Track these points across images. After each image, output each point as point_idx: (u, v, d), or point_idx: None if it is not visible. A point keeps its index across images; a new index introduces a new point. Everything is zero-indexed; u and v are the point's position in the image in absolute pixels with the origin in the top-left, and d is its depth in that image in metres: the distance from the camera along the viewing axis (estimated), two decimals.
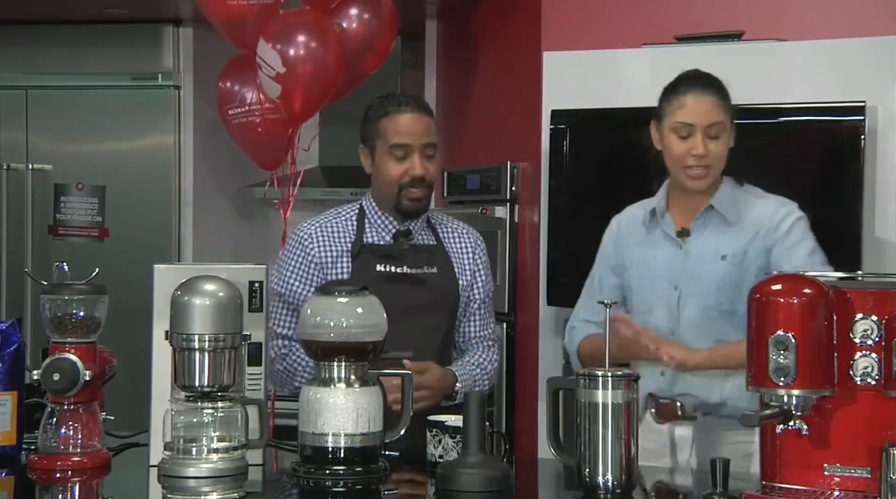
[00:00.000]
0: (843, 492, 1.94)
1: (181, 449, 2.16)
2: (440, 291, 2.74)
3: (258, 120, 3.87)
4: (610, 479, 2.08)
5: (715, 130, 2.52)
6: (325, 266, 2.71)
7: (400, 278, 2.69)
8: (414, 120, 2.68)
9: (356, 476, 2.14)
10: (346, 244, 2.73)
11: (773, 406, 1.96)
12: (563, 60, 3.70)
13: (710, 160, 2.52)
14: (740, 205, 2.55)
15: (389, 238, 2.73)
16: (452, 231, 2.82)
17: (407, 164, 2.67)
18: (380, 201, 2.75)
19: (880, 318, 1.92)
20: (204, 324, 2.17)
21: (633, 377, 2.11)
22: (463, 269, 2.79)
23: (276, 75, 3.64)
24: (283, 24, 3.71)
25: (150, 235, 4.91)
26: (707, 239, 2.54)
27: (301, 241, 2.75)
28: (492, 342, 2.87)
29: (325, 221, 2.77)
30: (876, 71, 3.32)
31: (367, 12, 3.83)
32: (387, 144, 2.68)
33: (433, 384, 2.63)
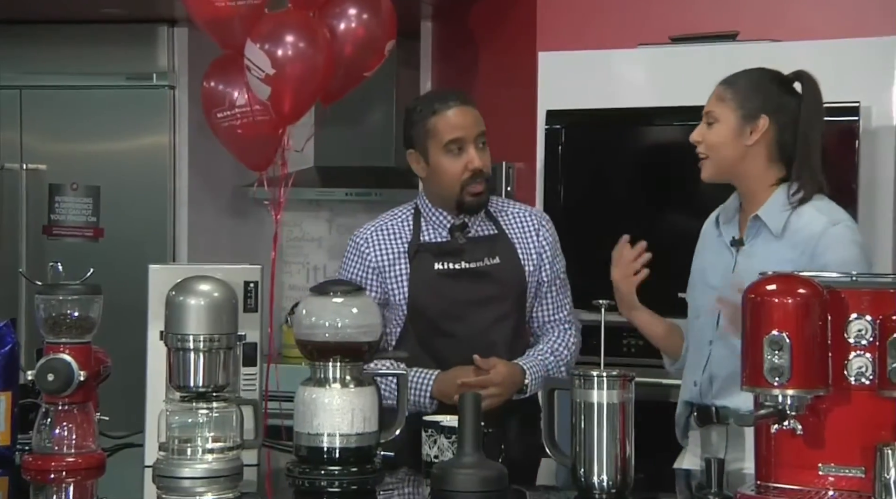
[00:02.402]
0: (837, 492, 1.95)
1: (176, 449, 2.16)
2: (504, 281, 2.71)
3: (247, 122, 3.86)
4: (605, 479, 2.08)
5: (711, 117, 2.49)
6: (383, 270, 2.69)
7: (459, 274, 2.67)
8: (463, 113, 2.67)
9: (351, 477, 2.14)
10: (403, 245, 2.70)
11: (767, 406, 1.97)
12: (558, 61, 3.70)
13: (703, 148, 2.50)
14: (790, 216, 2.43)
15: (446, 234, 2.71)
16: (513, 216, 2.79)
17: (464, 158, 2.65)
18: (437, 201, 2.72)
19: (874, 318, 1.92)
20: (199, 324, 2.17)
21: (628, 377, 2.11)
22: (529, 254, 2.75)
23: (265, 77, 3.62)
24: (270, 24, 3.69)
25: (145, 235, 4.90)
26: (756, 251, 2.45)
27: (357, 246, 2.72)
28: (568, 324, 2.81)
29: (381, 223, 2.75)
30: (871, 72, 3.32)
31: (366, 12, 3.83)
32: (440, 142, 2.65)
33: (501, 381, 2.61)
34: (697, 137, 2.52)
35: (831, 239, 2.38)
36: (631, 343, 3.57)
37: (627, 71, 3.64)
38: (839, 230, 2.40)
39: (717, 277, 2.51)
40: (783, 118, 2.47)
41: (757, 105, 2.47)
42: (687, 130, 2.57)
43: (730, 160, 2.49)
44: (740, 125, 2.47)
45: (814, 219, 2.42)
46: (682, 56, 3.53)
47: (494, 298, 2.69)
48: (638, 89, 3.61)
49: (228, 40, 3.79)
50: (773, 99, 2.48)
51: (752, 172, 2.48)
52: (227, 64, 3.86)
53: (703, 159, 2.52)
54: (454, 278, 2.66)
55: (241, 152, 3.99)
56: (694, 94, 3.34)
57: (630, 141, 3.66)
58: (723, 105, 2.49)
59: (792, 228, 2.42)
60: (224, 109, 3.89)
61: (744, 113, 2.47)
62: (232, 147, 3.99)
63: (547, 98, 3.68)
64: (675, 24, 3.69)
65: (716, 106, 2.50)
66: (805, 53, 3.31)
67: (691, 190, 3.50)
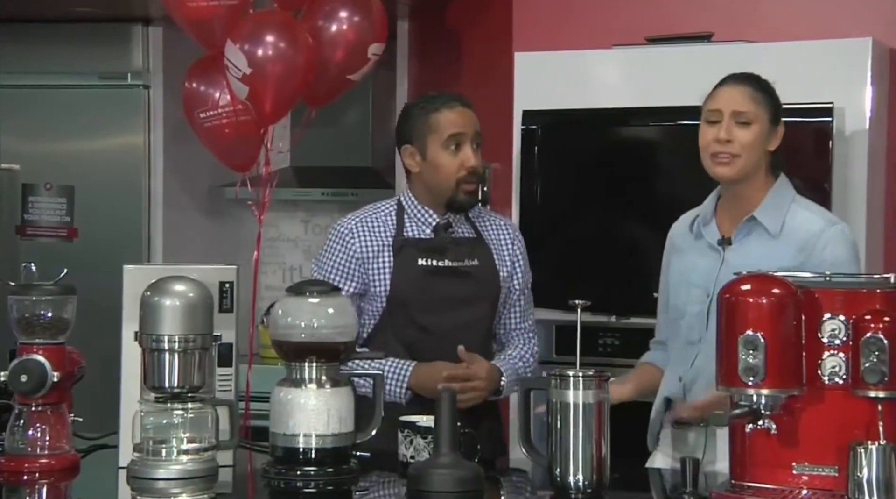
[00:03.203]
0: (811, 491, 1.96)
1: (151, 450, 2.15)
2: (482, 283, 2.75)
3: (228, 121, 3.85)
4: (581, 479, 2.08)
5: (746, 117, 2.47)
6: (367, 261, 2.71)
7: (442, 271, 2.70)
8: (464, 113, 2.74)
9: (327, 477, 2.14)
10: (388, 239, 2.73)
11: (742, 406, 1.97)
12: (534, 61, 3.71)
13: (737, 147, 2.46)
14: (785, 215, 2.47)
15: (430, 232, 2.74)
16: (490, 223, 2.84)
17: (461, 156, 2.70)
18: (425, 198, 2.75)
19: (848, 318, 1.94)
20: (174, 325, 2.16)
21: (604, 377, 2.12)
22: (503, 260, 2.80)
23: (242, 76, 3.62)
24: (251, 25, 3.68)
25: (120, 235, 4.87)
26: (748, 249, 2.47)
27: (341, 236, 2.74)
28: (532, 333, 2.88)
29: (365, 216, 2.77)
30: (845, 73, 3.34)
31: (357, 15, 3.83)
32: (441, 137, 2.70)
33: (485, 377, 2.65)
34: (728, 136, 2.46)
35: (831, 238, 2.44)
36: (607, 343, 3.58)
37: (603, 71, 3.65)
38: (838, 231, 2.46)
39: (701, 277, 2.53)
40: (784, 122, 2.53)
41: (779, 109, 2.51)
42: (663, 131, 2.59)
43: (755, 162, 2.49)
44: (769, 129, 2.49)
45: (809, 219, 2.47)
46: (657, 57, 3.55)
47: (473, 298, 2.73)
48: (613, 90, 3.61)
49: (209, 41, 3.78)
50: (781, 106, 2.53)
51: (758, 177, 2.51)
52: (208, 64, 3.85)
53: (733, 158, 2.46)
54: (437, 275, 2.69)
55: (222, 153, 3.98)
56: (669, 95, 3.37)
57: (606, 141, 3.67)
58: (757, 106, 2.48)
59: (788, 227, 2.46)
60: (206, 110, 3.88)
61: (771, 117, 2.50)
62: (214, 147, 3.98)
63: (523, 98, 3.69)
64: (651, 25, 3.70)
65: (752, 106, 2.48)
66: (779, 55, 3.33)
67: (667, 189, 3.52)
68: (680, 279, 2.59)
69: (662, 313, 2.68)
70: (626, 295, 3.53)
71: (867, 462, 1.86)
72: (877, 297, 1.94)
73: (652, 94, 3.50)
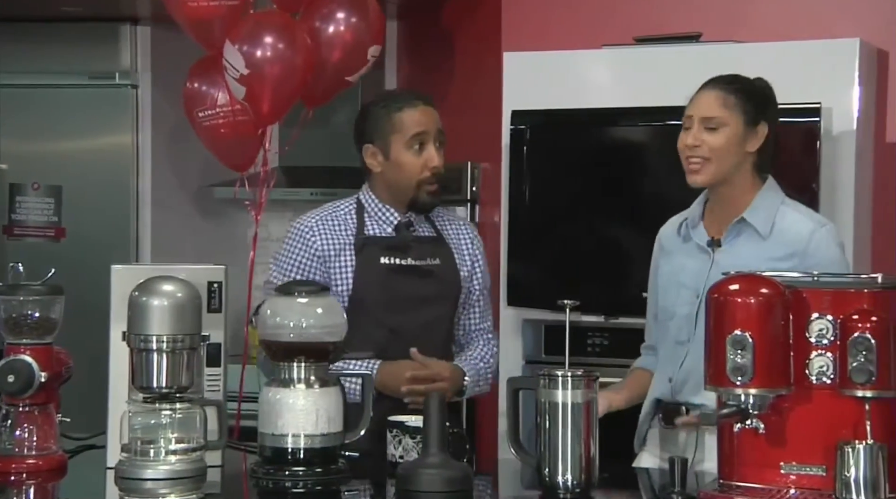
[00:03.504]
0: (798, 490, 1.96)
1: (139, 451, 2.15)
2: (444, 282, 2.74)
3: (226, 121, 3.86)
4: (569, 478, 2.08)
5: (714, 122, 2.47)
6: (328, 259, 2.69)
7: (405, 270, 2.69)
8: (427, 112, 2.72)
9: (316, 477, 2.13)
10: (349, 237, 2.71)
11: (730, 405, 1.98)
12: (523, 61, 3.71)
13: (706, 151, 2.47)
14: (775, 217, 2.48)
15: (391, 230, 2.72)
16: (450, 222, 2.82)
17: (425, 155, 2.68)
18: (387, 197, 2.73)
19: (835, 317, 1.94)
20: (162, 325, 2.16)
21: (593, 377, 2.12)
22: (463, 259, 2.79)
23: (239, 77, 3.62)
24: (249, 25, 3.69)
25: (108, 235, 4.85)
26: (738, 251, 2.47)
27: (302, 234, 2.72)
28: (491, 335, 2.87)
29: (325, 214, 2.75)
30: (833, 73, 3.35)
31: (354, 16, 3.84)
32: (405, 136, 2.67)
33: (449, 377, 2.64)
34: (696, 142, 2.48)
35: (821, 240, 2.45)
36: (595, 343, 3.59)
37: (592, 71, 3.65)
38: (826, 232, 2.47)
39: (690, 277, 2.53)
40: (772, 125, 2.52)
41: (759, 112, 2.49)
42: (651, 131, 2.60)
43: (730, 166, 2.49)
44: (745, 131, 2.48)
45: (798, 220, 2.48)
46: (646, 57, 3.55)
47: (435, 297, 2.72)
48: (602, 90, 3.62)
49: (209, 41, 3.79)
50: (769, 106, 2.52)
51: (742, 178, 2.50)
52: (208, 65, 3.86)
53: (703, 163, 2.48)
54: (400, 274, 2.68)
55: (221, 152, 3.99)
56: (658, 95, 3.38)
57: (595, 141, 3.67)
58: (728, 110, 2.48)
59: (778, 228, 2.47)
60: (205, 109, 3.89)
61: (747, 118, 2.48)
62: (213, 147, 3.98)
63: (512, 98, 3.69)
64: (640, 25, 3.71)
65: (721, 111, 2.48)
66: (767, 55, 3.34)
67: (656, 189, 3.53)
68: (669, 280, 2.59)
69: (652, 317, 2.68)
70: (615, 295, 3.53)
71: (854, 462, 1.87)
72: (864, 297, 1.95)
73: (641, 94, 3.50)
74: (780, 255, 2.43)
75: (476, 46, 4.28)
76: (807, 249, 2.43)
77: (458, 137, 4.41)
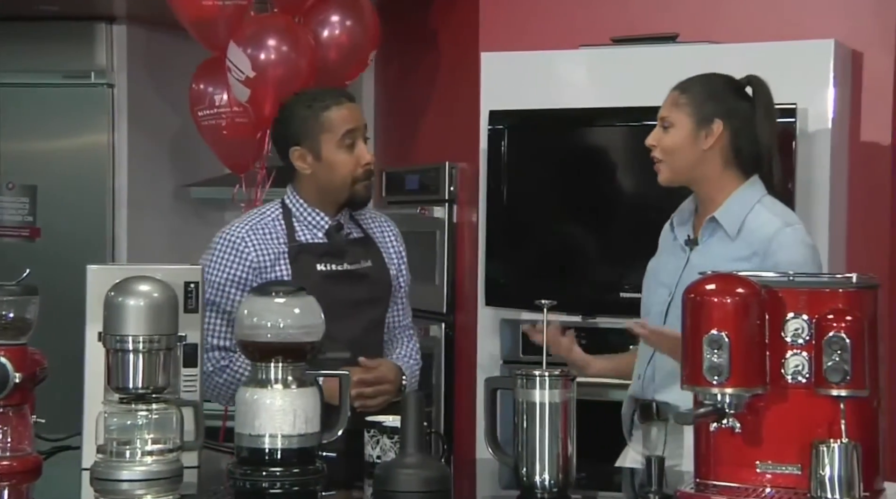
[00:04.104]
0: (774, 489, 1.97)
1: (114, 452, 2.14)
2: (378, 284, 2.73)
3: (225, 122, 3.86)
4: (547, 478, 2.09)
5: (666, 122, 2.51)
6: (263, 270, 2.65)
7: (341, 276, 2.67)
8: (353, 108, 2.70)
9: (293, 478, 2.13)
10: (282, 246, 2.67)
11: (707, 405, 1.98)
12: (500, 61, 3.72)
13: (658, 152, 2.51)
14: (746, 218, 2.48)
15: (322, 235, 2.70)
16: (373, 220, 2.81)
17: (357, 153, 2.65)
18: (315, 198, 2.70)
19: (811, 317, 1.95)
20: (138, 325, 2.14)
21: (570, 377, 2.12)
22: (391, 259, 2.78)
23: (244, 79, 3.63)
24: (254, 27, 3.70)
25: (83, 235, 4.83)
26: (710, 250, 2.49)
27: (234, 245, 2.67)
28: (412, 331, 2.88)
29: (253, 222, 2.70)
30: (808, 74, 3.38)
31: (349, 20, 3.85)
32: (335, 135, 2.64)
33: (393, 379, 2.63)
34: (653, 141, 2.54)
35: (784, 240, 2.44)
36: None
37: (569, 72, 3.66)
38: (791, 232, 2.46)
39: (667, 275, 2.55)
40: (737, 123, 2.51)
41: (711, 110, 2.50)
42: (629, 131, 2.61)
43: (686, 164, 2.51)
44: (695, 130, 2.50)
45: (768, 221, 2.47)
46: (623, 57, 3.56)
47: (371, 300, 2.71)
48: (580, 90, 3.63)
49: (213, 41, 3.79)
50: (727, 103, 2.51)
51: (709, 176, 2.51)
52: (214, 66, 3.87)
53: (659, 163, 2.53)
54: (336, 280, 2.65)
55: (222, 153, 4.00)
56: (635, 96, 3.39)
57: (572, 141, 3.68)
58: (677, 110, 2.51)
59: (747, 228, 2.47)
60: (204, 108, 3.89)
61: (698, 118, 2.50)
62: (213, 146, 3.99)
63: (490, 98, 3.70)
64: (617, 26, 3.72)
65: (671, 111, 2.52)
66: (743, 55, 3.36)
67: (633, 190, 3.54)
68: (650, 277, 2.62)
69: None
70: (593, 295, 3.54)
71: (829, 460, 1.87)
72: (839, 296, 1.96)
73: (618, 94, 3.51)
74: (745, 255, 2.44)
75: (454, 47, 4.29)
76: (768, 249, 2.43)
77: (436, 137, 4.44)
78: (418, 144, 4.52)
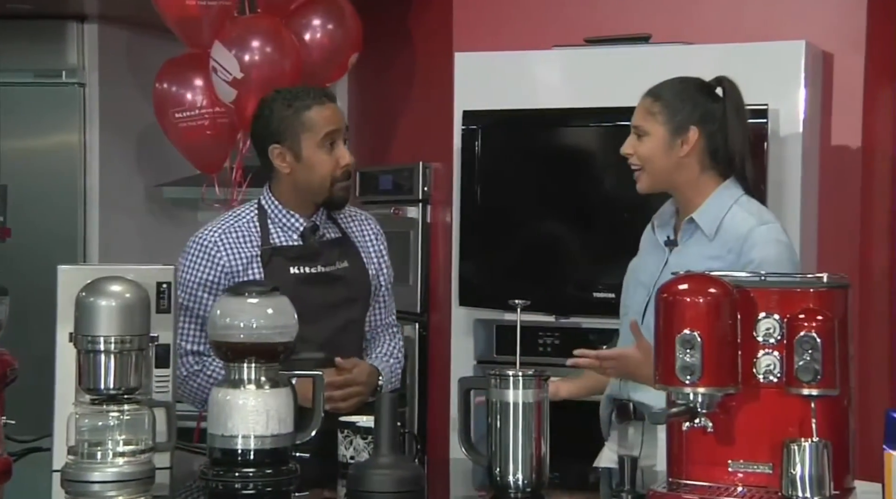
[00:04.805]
0: (746, 488, 1.98)
1: (86, 453, 2.12)
2: (355, 285, 2.72)
3: (207, 123, 3.84)
4: (520, 478, 2.09)
5: (641, 131, 2.51)
6: (236, 274, 2.62)
7: (315, 278, 2.65)
8: (335, 109, 2.68)
9: (266, 478, 2.12)
10: (255, 249, 2.65)
11: (679, 404, 1.99)
12: (474, 61, 3.72)
13: (635, 160, 2.52)
14: (723, 219, 2.48)
15: (297, 237, 2.68)
16: (352, 219, 2.79)
17: (336, 154, 2.64)
18: (291, 198, 2.68)
19: (782, 317, 1.96)
20: (110, 325, 2.13)
21: (543, 377, 2.13)
22: (370, 258, 2.77)
23: (231, 80, 3.61)
24: (240, 28, 3.69)
25: (54, 235, 4.80)
26: (688, 251, 2.50)
27: (206, 249, 2.64)
28: (396, 328, 2.86)
29: (226, 225, 2.67)
30: (779, 75, 3.40)
31: (330, 23, 3.85)
32: (317, 135, 2.62)
33: (366, 380, 2.62)
34: (629, 150, 2.53)
35: (757, 238, 2.45)
36: (547, 343, 3.60)
37: (543, 72, 3.67)
38: (765, 230, 2.47)
39: (647, 275, 2.56)
40: (711, 126, 2.51)
41: (685, 117, 2.50)
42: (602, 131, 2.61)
43: (664, 171, 2.51)
44: (671, 138, 2.50)
45: (743, 220, 2.48)
46: (596, 58, 3.58)
47: (347, 301, 2.69)
48: (553, 90, 3.64)
49: (196, 40, 3.77)
50: (701, 108, 2.51)
51: (687, 181, 2.52)
52: (183, 64, 3.84)
53: (638, 171, 2.53)
54: (310, 283, 2.63)
55: (195, 154, 3.97)
56: (608, 96, 3.40)
57: (546, 141, 3.69)
58: (651, 119, 2.51)
59: (724, 229, 2.48)
60: (184, 109, 3.86)
61: (673, 126, 2.50)
62: (186, 148, 3.96)
63: (463, 98, 3.70)
64: (590, 26, 3.73)
65: (644, 120, 2.52)
66: (715, 56, 3.37)
67: (607, 190, 3.55)
68: (631, 277, 2.63)
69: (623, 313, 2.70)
70: (566, 295, 3.55)
71: (800, 459, 1.89)
72: (810, 296, 1.97)
73: (591, 95, 3.52)
74: (720, 254, 2.45)
75: (427, 46, 4.29)
76: (742, 249, 2.44)
77: (410, 137, 4.44)
78: (392, 143, 4.52)
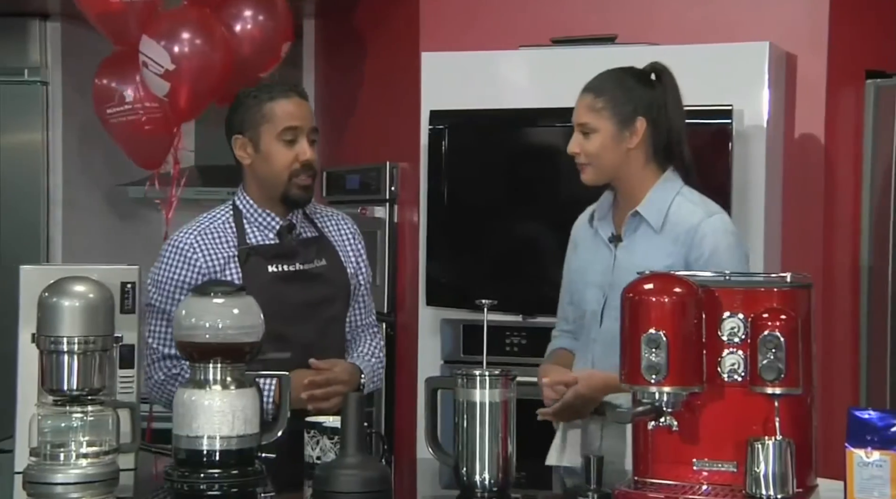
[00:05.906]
0: (710, 486, 2.00)
1: (48, 454, 2.10)
2: (334, 283, 2.70)
3: (137, 119, 3.80)
4: (487, 478, 2.09)
5: (586, 128, 2.52)
6: (213, 275, 2.59)
7: (293, 277, 2.63)
8: (300, 105, 2.65)
9: (232, 479, 2.11)
10: (231, 249, 2.62)
11: (645, 403, 2.00)
12: (441, 61, 3.72)
13: (583, 158, 2.53)
14: (668, 210, 2.49)
15: (273, 235, 2.66)
16: (329, 219, 2.78)
17: (296, 149, 2.61)
18: (260, 195, 2.66)
19: (747, 316, 1.98)
20: (73, 326, 2.12)
21: (510, 376, 2.13)
22: (347, 256, 2.75)
23: (163, 72, 3.57)
24: (168, 21, 3.65)
25: (17, 235, 4.75)
26: (636, 246, 2.51)
27: (182, 251, 2.62)
28: (376, 328, 2.85)
29: (202, 227, 2.66)
30: (744, 75, 3.42)
31: (261, 14, 3.81)
32: (276, 128, 2.60)
33: (347, 379, 2.60)
34: (576, 149, 2.54)
35: (707, 229, 2.47)
36: (514, 342, 3.61)
37: (509, 72, 3.67)
38: (713, 221, 2.48)
39: (597, 275, 2.56)
40: (654, 114, 2.53)
41: (631, 108, 2.51)
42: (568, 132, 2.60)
43: (612, 165, 2.52)
44: (618, 132, 2.51)
45: (691, 212, 2.49)
46: (562, 58, 3.58)
47: (326, 300, 2.68)
48: (520, 90, 3.64)
49: (122, 36, 3.72)
50: (644, 98, 2.53)
51: (633, 173, 2.53)
52: (120, 61, 3.80)
53: (584, 165, 2.54)
54: (288, 281, 2.62)
55: (133, 150, 3.93)
56: (575, 96, 3.37)
57: (513, 142, 3.69)
58: (596, 115, 2.51)
59: (671, 221, 2.49)
60: (115, 105, 3.82)
61: (619, 119, 2.51)
62: (124, 145, 3.92)
63: (430, 98, 3.70)
64: (556, 26, 3.74)
65: (589, 117, 2.52)
66: (680, 57, 3.37)
67: (573, 190, 3.56)
68: (578, 278, 2.62)
69: (566, 304, 2.70)
70: (533, 294, 3.56)
71: (764, 457, 1.90)
72: (774, 295, 1.99)
73: (558, 95, 3.50)
74: (672, 249, 2.46)
75: (394, 46, 4.28)
76: (693, 241, 2.45)
77: (377, 136, 4.43)
78: (359, 143, 4.51)
